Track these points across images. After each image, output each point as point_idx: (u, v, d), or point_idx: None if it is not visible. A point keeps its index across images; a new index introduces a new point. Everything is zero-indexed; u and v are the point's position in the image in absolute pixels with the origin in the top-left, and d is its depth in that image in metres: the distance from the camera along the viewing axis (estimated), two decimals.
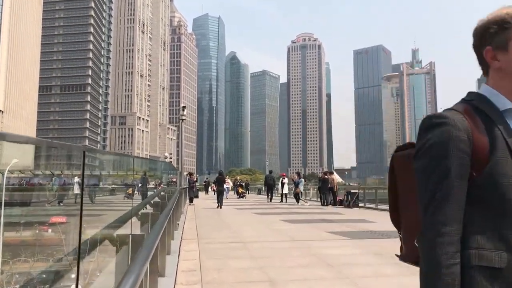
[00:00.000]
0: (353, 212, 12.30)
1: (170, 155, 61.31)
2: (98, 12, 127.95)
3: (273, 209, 13.86)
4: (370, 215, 11.01)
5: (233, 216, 10.70)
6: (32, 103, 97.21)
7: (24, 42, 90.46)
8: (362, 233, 7.22)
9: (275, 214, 11.33)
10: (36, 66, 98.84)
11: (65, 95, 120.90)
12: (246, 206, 15.30)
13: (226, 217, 10.45)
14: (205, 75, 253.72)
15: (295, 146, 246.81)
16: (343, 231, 7.26)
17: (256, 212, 12.12)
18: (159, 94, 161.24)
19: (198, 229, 7.67)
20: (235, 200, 20.57)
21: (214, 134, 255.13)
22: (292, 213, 11.69)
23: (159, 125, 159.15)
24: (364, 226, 8.10)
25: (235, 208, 14.34)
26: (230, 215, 11.08)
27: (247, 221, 9.20)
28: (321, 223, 8.76)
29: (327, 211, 12.64)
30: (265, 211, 12.51)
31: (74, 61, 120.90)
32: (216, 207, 14.02)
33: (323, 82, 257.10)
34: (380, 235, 6.88)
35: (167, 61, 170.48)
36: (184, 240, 6.21)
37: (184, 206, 14.42)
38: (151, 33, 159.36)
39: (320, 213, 11.95)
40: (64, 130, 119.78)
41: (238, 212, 12.26)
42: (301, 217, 10.29)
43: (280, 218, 9.74)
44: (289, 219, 9.73)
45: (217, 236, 6.84)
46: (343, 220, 9.59)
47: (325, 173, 17.20)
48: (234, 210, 13.49)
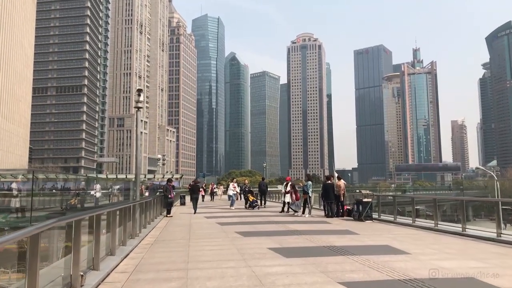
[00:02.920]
0: (369, 230, 9.41)
1: (163, 157, 58.69)
2: (94, 12, 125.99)
3: (265, 224, 11.00)
4: (395, 236, 8.14)
5: (206, 240, 7.78)
6: (25, 105, 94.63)
7: (15, 42, 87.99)
8: (401, 284, 4.34)
9: (265, 235, 8.42)
10: (30, 67, 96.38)
11: (61, 97, 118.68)
12: (233, 220, 12.41)
13: (196, 241, 7.58)
14: (205, 76, 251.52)
15: (296, 147, 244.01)
16: (369, 280, 4.39)
17: (241, 230, 9.23)
18: (158, 96, 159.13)
19: (135, 273, 4.84)
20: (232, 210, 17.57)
21: (214, 136, 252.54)
22: (288, 233, 8.80)
23: (158, 127, 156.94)
24: (398, 265, 5.20)
25: (218, 222, 11.46)
26: (202, 238, 8.18)
27: (221, 252, 6.28)
28: (330, 257, 5.85)
29: (333, 228, 9.77)
30: (252, 229, 9.64)
31: (70, 62, 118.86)
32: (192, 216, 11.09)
33: (323, 82, 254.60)
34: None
35: (166, 62, 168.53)
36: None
37: (156, 220, 11.57)
38: (150, 34, 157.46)
39: (325, 232, 9.07)
40: (60, 132, 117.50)
41: (216, 232, 9.36)
42: (299, 242, 7.41)
43: (270, 245, 6.83)
44: (282, 246, 6.85)
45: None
46: (361, 248, 6.68)
47: (328, 178, 14.23)
48: (215, 225, 10.62)
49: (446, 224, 9.31)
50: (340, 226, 10.34)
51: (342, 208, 13.18)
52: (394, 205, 11.35)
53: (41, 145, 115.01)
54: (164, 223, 11.60)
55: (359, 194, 12.41)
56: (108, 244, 5.38)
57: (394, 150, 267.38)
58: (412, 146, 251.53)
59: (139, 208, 7.78)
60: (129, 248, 6.31)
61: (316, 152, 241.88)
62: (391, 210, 12.13)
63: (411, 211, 11.25)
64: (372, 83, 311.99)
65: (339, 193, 12.97)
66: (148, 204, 9.69)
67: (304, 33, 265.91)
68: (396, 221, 10.91)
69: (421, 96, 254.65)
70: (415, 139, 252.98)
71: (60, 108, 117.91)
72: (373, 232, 9.03)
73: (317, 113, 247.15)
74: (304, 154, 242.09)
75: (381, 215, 12.01)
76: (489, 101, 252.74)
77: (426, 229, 9.35)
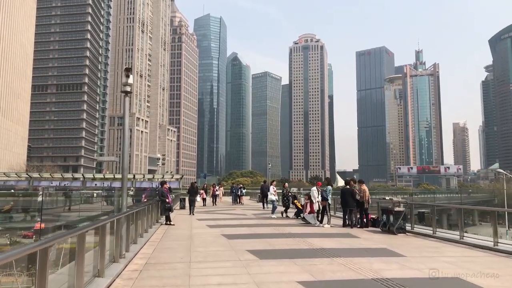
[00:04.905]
0: (411, 248, 7.60)
1: (163, 156, 57.06)
2: (96, 10, 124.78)
3: (280, 237, 9.23)
4: (453, 260, 6.36)
5: (211, 265, 5.91)
6: (24, 102, 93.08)
7: (15, 39, 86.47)
8: None
9: (286, 256, 6.52)
10: (29, 64, 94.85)
11: (61, 95, 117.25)
12: (241, 231, 10.62)
13: (198, 267, 5.76)
14: (206, 76, 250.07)
15: (297, 148, 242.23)
16: None
17: (253, 247, 7.44)
18: (159, 95, 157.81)
19: None
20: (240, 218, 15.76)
21: (215, 136, 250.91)
22: (316, 254, 6.99)
23: (159, 126, 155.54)
24: None
25: (223, 233, 9.66)
26: (206, 261, 6.37)
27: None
28: None
29: (368, 246, 7.96)
30: (267, 245, 7.81)
31: (70, 60, 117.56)
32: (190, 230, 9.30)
33: (325, 83, 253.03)
34: None
35: (168, 62, 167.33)
36: None
37: (151, 230, 9.80)
38: (151, 33, 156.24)
39: (360, 251, 7.29)
40: (60, 131, 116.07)
41: (223, 250, 7.56)
42: (336, 270, 5.57)
43: (298, 277, 4.98)
44: (316, 278, 5.01)
45: None
46: (424, 283, 4.91)
47: (347, 182, 12.38)
48: (221, 239, 8.82)
49: (507, 243, 7.53)
50: (373, 242, 8.55)
51: (366, 218, 11.42)
52: (433, 216, 9.56)
53: (40, 143, 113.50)
54: (160, 233, 9.83)
55: (387, 201, 10.63)
56: (72, 278, 3.63)
57: (396, 152, 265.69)
58: (413, 148, 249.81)
59: (125, 221, 6.01)
60: (106, 281, 4.51)
61: (317, 153, 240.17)
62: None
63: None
64: (374, 84, 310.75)
65: (363, 200, 11.20)
66: (140, 214, 7.92)
67: (306, 34, 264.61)
68: (436, 235, 9.12)
69: (423, 98, 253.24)
70: (416, 141, 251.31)
71: (60, 106, 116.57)
72: (418, 252, 7.23)
73: (319, 114, 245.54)
74: (305, 155, 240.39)
75: (414, 227, 10.22)
76: (492, 103, 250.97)
77: (480, 248, 7.59)
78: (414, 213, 11.02)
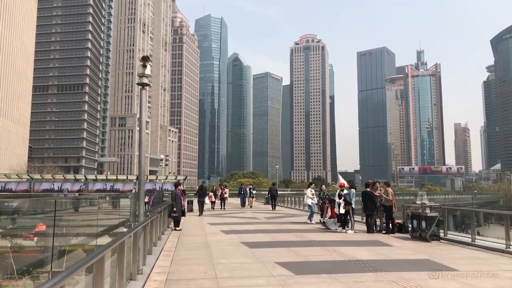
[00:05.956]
0: (456, 258, 6.85)
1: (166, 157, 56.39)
2: (97, 11, 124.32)
3: (306, 246, 8.47)
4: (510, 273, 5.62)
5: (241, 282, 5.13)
6: (25, 103, 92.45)
7: (16, 39, 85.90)
8: None
9: (324, 271, 5.63)
10: (30, 64, 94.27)
11: (62, 95, 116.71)
12: (261, 237, 9.85)
13: (227, 284, 5.03)
14: (207, 76, 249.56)
15: (298, 149, 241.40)
16: None
17: (282, 258, 6.67)
18: (160, 95, 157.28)
19: None
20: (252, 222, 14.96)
21: (216, 137, 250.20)
22: (356, 268, 6.21)
23: (160, 127, 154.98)
24: None
25: (243, 241, 8.88)
26: (234, 276, 5.55)
27: None
28: None
29: (408, 257, 7.17)
30: (296, 256, 7.03)
31: (71, 60, 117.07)
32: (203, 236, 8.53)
33: (326, 84, 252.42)
34: None
35: (169, 62, 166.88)
36: None
37: (163, 237, 9.05)
38: (152, 33, 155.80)
39: (401, 263, 6.51)
40: (61, 131, 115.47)
41: (249, 261, 6.78)
42: None
43: None
44: None
45: None
46: None
47: (368, 185, 11.50)
48: (242, 248, 8.02)
49: None
50: (410, 251, 7.77)
51: (392, 223, 10.66)
52: (471, 222, 8.78)
53: (41, 144, 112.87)
54: (174, 241, 9.07)
55: (417, 205, 9.86)
56: None
57: (397, 152, 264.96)
58: (415, 149, 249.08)
59: (142, 232, 5.25)
60: None
61: (319, 154, 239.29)
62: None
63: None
64: (375, 85, 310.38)
65: (390, 204, 10.43)
66: (154, 222, 7.16)
67: (307, 34, 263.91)
68: (475, 243, 8.35)
69: (424, 98, 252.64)
70: (418, 142, 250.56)
71: (61, 106, 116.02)
72: (468, 265, 6.43)
73: (320, 114, 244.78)
74: (307, 156, 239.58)
75: (447, 234, 9.44)
76: (493, 104, 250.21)
77: None
78: (441, 218, 10.25)
